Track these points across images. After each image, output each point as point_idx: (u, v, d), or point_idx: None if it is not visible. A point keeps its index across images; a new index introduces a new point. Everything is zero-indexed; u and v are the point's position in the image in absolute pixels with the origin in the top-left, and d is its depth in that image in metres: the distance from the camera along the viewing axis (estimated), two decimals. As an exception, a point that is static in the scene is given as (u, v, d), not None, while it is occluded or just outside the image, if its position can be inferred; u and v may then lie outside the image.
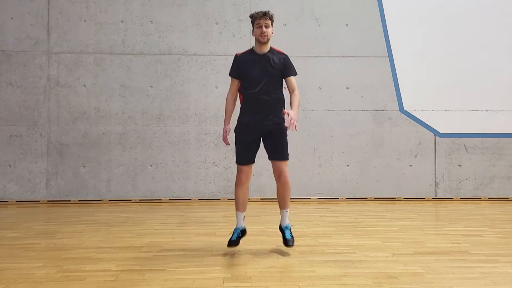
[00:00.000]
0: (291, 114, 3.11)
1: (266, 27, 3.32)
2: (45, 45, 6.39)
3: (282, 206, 3.50)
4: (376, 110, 6.66)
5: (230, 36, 6.57)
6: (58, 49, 6.40)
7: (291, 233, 3.47)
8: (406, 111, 6.67)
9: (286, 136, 3.41)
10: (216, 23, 6.58)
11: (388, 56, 6.70)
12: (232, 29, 6.58)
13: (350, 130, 6.61)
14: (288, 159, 3.41)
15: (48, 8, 6.41)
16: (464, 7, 6.80)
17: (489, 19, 6.81)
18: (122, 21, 6.49)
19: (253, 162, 3.43)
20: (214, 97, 6.50)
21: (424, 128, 6.66)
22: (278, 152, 3.39)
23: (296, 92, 3.38)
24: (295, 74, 3.46)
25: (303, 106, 6.55)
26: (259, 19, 3.32)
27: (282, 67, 3.38)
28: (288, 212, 3.51)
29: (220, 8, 6.59)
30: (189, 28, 6.56)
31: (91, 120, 6.39)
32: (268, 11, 3.37)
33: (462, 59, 6.75)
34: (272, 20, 3.37)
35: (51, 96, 6.36)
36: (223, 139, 3.47)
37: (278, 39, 6.98)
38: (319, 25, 6.68)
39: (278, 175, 3.39)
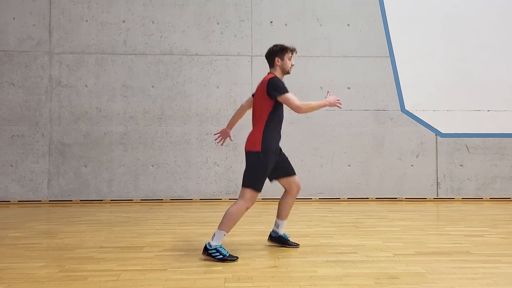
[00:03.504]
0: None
1: None
2: (47, 45, 6.40)
3: (286, 216, 3.61)
4: (378, 110, 6.65)
5: (232, 36, 6.57)
6: (60, 49, 6.42)
7: None
8: (407, 111, 6.67)
9: None
10: (218, 23, 6.59)
11: (390, 56, 6.70)
12: (234, 29, 6.59)
13: (352, 130, 6.61)
14: None
15: (50, 9, 6.43)
16: (466, 7, 6.80)
17: (490, 19, 6.80)
18: (123, 21, 6.50)
19: None
20: (216, 97, 6.51)
21: (426, 128, 6.66)
22: (292, 167, 3.56)
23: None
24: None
25: (304, 106, 6.55)
26: (293, 53, 3.41)
27: None
28: None
29: (221, 8, 6.59)
30: (191, 28, 6.56)
31: (92, 120, 6.40)
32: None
33: (464, 59, 6.74)
34: None
35: (52, 96, 6.37)
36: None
37: (280, 39, 6.97)
38: (321, 25, 6.67)
39: (298, 188, 3.56)
